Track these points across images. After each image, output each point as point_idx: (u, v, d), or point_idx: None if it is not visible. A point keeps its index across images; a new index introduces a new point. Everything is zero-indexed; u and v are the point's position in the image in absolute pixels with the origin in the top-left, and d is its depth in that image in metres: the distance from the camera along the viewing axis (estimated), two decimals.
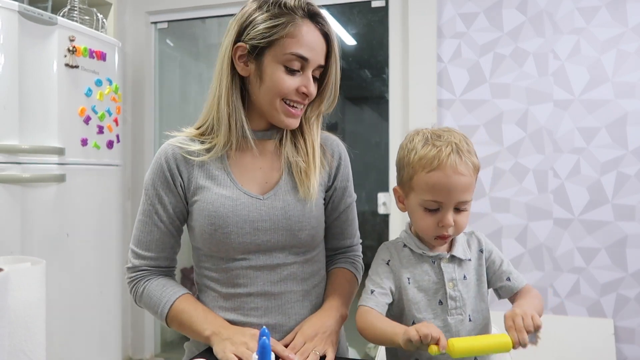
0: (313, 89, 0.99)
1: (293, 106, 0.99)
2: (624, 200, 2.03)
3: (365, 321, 0.88)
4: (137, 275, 1.04)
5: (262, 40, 0.96)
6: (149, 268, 1.04)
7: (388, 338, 0.83)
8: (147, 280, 1.03)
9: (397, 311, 0.94)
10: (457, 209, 0.90)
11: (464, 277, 0.93)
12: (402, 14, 2.34)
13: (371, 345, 2.62)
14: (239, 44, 0.98)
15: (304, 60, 0.96)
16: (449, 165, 0.86)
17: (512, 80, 2.16)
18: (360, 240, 1.19)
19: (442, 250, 0.95)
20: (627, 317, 2.02)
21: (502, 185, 2.17)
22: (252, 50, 0.97)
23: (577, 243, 2.08)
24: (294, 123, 1.02)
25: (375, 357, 1.20)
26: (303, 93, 0.98)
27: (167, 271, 1.07)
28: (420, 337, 0.74)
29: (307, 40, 0.96)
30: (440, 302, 0.92)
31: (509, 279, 0.94)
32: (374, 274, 0.95)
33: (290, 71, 0.97)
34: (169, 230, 1.03)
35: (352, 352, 2.55)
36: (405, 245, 0.96)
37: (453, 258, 0.94)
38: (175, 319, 1.00)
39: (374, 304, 0.90)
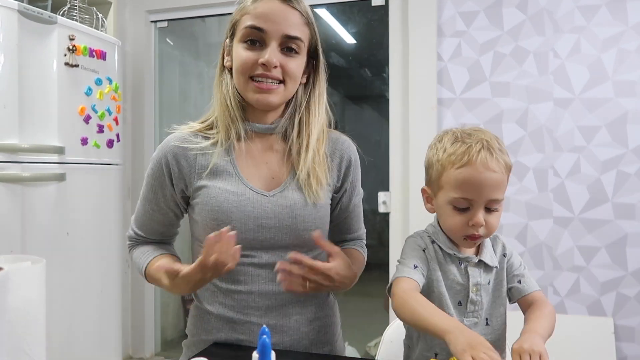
0: (272, 57, 0.94)
1: (260, 81, 0.96)
2: (624, 199, 2.03)
3: (409, 298, 0.83)
4: (131, 243, 1.12)
5: (230, 27, 1.00)
6: (139, 239, 1.11)
7: (432, 330, 0.77)
8: (133, 248, 1.10)
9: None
10: (488, 209, 0.86)
11: (488, 282, 0.92)
12: (402, 13, 2.34)
13: (371, 344, 2.63)
14: (225, 41, 1.04)
15: (259, 31, 0.95)
16: (480, 161, 0.84)
17: (512, 79, 2.16)
18: (365, 230, 1.18)
19: (470, 253, 0.92)
20: (627, 316, 2.02)
21: None
22: (228, 43, 1.02)
23: (577, 242, 2.08)
24: (266, 99, 0.97)
25: (375, 356, 1.20)
26: (263, 64, 0.94)
27: (157, 242, 1.11)
28: None
29: (261, 12, 0.95)
30: (460, 304, 0.90)
31: (520, 282, 0.93)
32: (410, 256, 0.91)
33: (251, 46, 0.96)
34: (159, 219, 1.07)
35: (352, 352, 2.55)
36: (433, 241, 0.93)
37: (480, 262, 0.92)
38: (152, 280, 1.04)
39: (418, 278, 0.87)
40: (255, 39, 0.96)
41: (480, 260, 0.91)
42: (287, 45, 0.97)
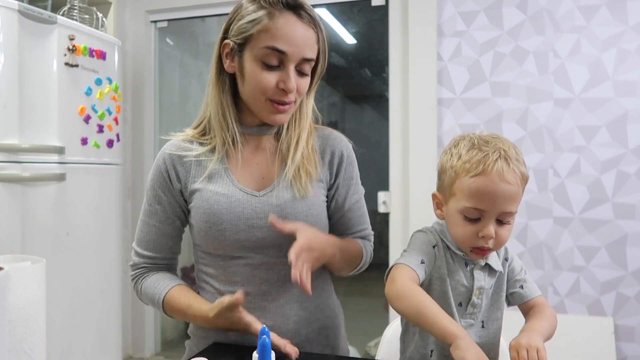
0: (292, 84, 0.94)
1: (279, 103, 0.96)
2: (624, 198, 2.03)
3: (415, 291, 0.81)
4: (137, 272, 1.07)
5: (240, 36, 0.95)
6: (147, 265, 1.06)
7: (439, 330, 0.77)
8: (143, 278, 1.06)
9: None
10: (500, 221, 0.84)
11: (491, 286, 0.91)
12: (402, 13, 2.34)
13: (371, 344, 2.62)
14: (226, 41, 0.98)
15: (281, 53, 0.93)
16: (496, 172, 0.81)
17: (512, 78, 2.16)
18: (372, 232, 1.15)
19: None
20: (627, 316, 2.03)
21: None
22: (235, 47, 0.97)
23: (577, 242, 2.08)
24: (281, 119, 0.99)
25: (375, 356, 1.20)
26: (282, 89, 0.94)
27: (164, 267, 1.08)
28: None
29: (283, 33, 0.92)
30: (460, 305, 0.89)
31: (522, 287, 0.92)
32: (419, 251, 0.88)
33: (269, 67, 0.94)
34: (167, 231, 1.05)
35: (352, 352, 2.55)
36: (442, 239, 0.91)
37: (486, 266, 0.90)
38: (172, 312, 1.04)
39: (421, 274, 0.85)
40: (276, 59, 0.94)
41: (486, 264, 0.90)
42: (302, 66, 0.96)
